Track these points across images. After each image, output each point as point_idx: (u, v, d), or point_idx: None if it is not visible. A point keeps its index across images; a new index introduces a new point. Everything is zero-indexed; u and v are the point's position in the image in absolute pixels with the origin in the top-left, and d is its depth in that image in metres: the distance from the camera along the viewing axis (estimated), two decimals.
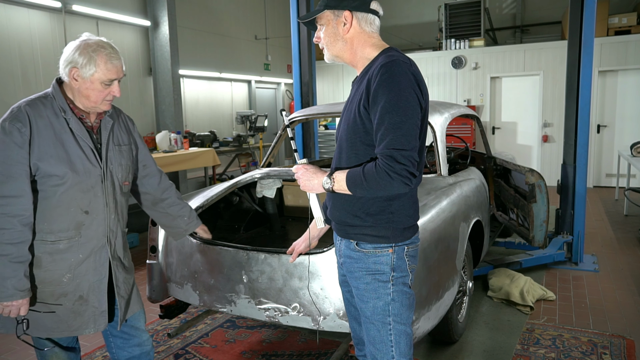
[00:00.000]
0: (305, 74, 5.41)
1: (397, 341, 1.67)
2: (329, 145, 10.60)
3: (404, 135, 1.48)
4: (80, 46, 1.72)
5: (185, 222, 2.23)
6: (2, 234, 1.64)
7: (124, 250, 1.99)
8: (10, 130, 1.67)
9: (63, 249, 1.78)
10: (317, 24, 1.73)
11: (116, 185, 1.89)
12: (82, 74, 1.72)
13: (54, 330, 1.83)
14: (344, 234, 1.72)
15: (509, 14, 10.19)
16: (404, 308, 1.68)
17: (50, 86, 1.83)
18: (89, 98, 1.76)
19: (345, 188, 1.57)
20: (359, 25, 1.67)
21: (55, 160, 1.71)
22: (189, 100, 8.28)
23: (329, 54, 1.73)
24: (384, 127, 1.50)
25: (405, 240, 1.67)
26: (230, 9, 9.03)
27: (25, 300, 1.70)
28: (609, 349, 2.99)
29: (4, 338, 3.33)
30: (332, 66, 10.86)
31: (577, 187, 4.48)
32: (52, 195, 1.73)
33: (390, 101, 1.49)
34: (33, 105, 1.74)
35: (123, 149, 1.94)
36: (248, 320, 3.46)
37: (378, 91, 1.51)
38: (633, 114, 8.54)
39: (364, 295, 1.68)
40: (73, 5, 6.02)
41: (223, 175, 8.07)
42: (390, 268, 1.65)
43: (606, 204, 7.31)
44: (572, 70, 4.42)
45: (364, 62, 1.68)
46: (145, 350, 2.08)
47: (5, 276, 1.65)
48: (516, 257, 4.30)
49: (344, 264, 1.75)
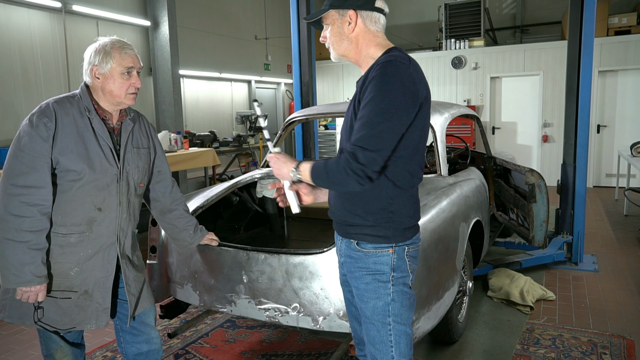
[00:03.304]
0: (305, 74, 5.41)
1: (397, 341, 1.67)
2: (329, 145, 10.61)
3: (375, 136, 1.47)
4: (97, 47, 1.85)
5: (190, 236, 2.29)
6: (23, 222, 1.71)
7: (133, 250, 2.06)
8: (37, 124, 1.76)
9: (74, 242, 1.85)
10: (322, 23, 1.73)
11: (131, 186, 1.96)
12: (102, 69, 1.82)
13: (57, 322, 1.88)
14: (345, 234, 1.72)
15: (509, 14, 10.19)
16: (404, 308, 1.67)
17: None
18: (112, 93, 1.85)
19: (309, 179, 1.60)
20: (364, 25, 1.66)
21: (74, 156, 1.79)
22: (189, 100, 8.28)
23: (334, 54, 1.73)
24: (360, 123, 1.50)
25: (405, 241, 1.67)
26: (230, 9, 9.03)
27: (42, 287, 1.77)
28: (609, 349, 2.99)
29: (3, 338, 3.33)
30: (332, 66, 10.85)
31: (577, 187, 4.48)
32: (69, 189, 1.81)
33: (374, 99, 1.49)
34: (60, 103, 1.83)
35: (141, 152, 2.02)
36: (248, 320, 3.46)
37: (367, 88, 1.53)
38: (633, 114, 8.54)
39: (364, 295, 1.68)
40: (73, 5, 6.02)
41: (223, 175, 8.07)
42: (390, 268, 1.65)
43: (606, 204, 7.31)
44: (572, 70, 4.42)
45: (368, 61, 1.68)
46: (154, 348, 2.12)
47: (24, 262, 1.72)
48: (516, 257, 4.30)
49: (345, 264, 1.75)
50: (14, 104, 5.44)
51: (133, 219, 2.02)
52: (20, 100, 5.51)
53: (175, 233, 2.27)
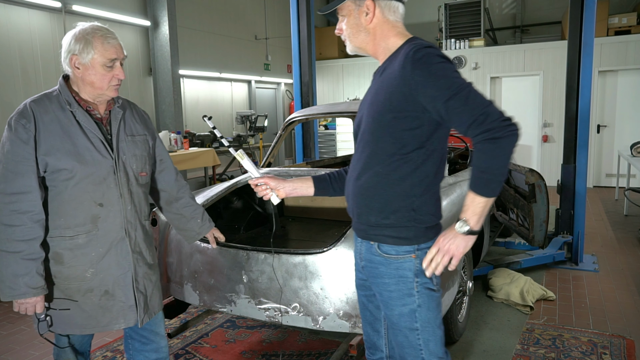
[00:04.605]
0: (305, 74, 5.41)
1: (426, 344, 1.60)
2: (329, 145, 10.60)
3: (473, 100, 1.36)
4: (76, 34, 1.72)
5: (199, 225, 2.19)
6: (13, 231, 1.66)
7: (147, 244, 1.96)
8: (15, 127, 1.68)
9: (82, 243, 1.78)
10: (338, 15, 1.64)
11: (130, 176, 1.87)
12: (82, 59, 1.70)
13: (85, 326, 1.83)
14: (364, 235, 1.64)
15: (509, 14, 10.19)
16: (431, 311, 1.59)
17: (55, 85, 1.84)
18: (94, 85, 1.74)
19: (481, 205, 1.43)
20: (382, 14, 1.57)
21: (62, 154, 1.71)
22: (189, 100, 8.28)
23: (351, 46, 1.64)
24: (455, 113, 1.39)
25: (428, 242, 1.57)
26: (230, 9, 9.04)
27: (39, 298, 1.71)
28: (609, 349, 2.99)
29: (4, 338, 3.33)
30: (332, 66, 10.86)
31: (577, 187, 4.48)
32: (64, 189, 1.74)
33: (441, 88, 1.39)
34: (38, 102, 1.74)
35: (137, 139, 1.91)
36: (248, 320, 3.46)
37: (424, 84, 1.41)
38: (633, 114, 8.54)
39: (388, 303, 1.60)
40: (73, 5, 6.02)
41: (223, 175, 8.07)
42: (413, 274, 1.56)
43: (606, 204, 7.30)
44: (572, 70, 4.41)
45: (386, 52, 1.59)
46: (162, 357, 2.07)
47: (18, 274, 1.66)
48: (516, 257, 4.30)
49: (365, 268, 1.66)
50: (13, 104, 5.44)
51: (139, 210, 1.92)
52: (20, 100, 5.50)
53: (182, 223, 2.17)
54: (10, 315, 3.70)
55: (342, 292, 2.24)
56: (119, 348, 3.14)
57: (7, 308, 3.83)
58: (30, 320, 3.58)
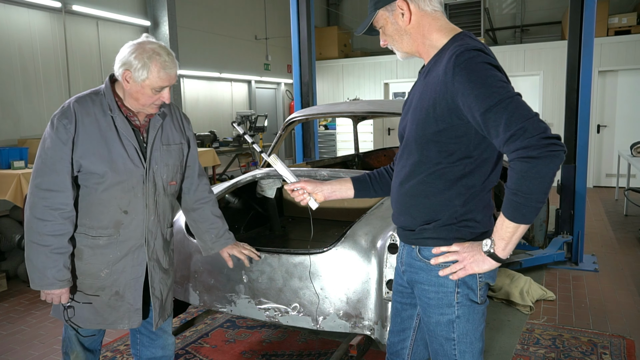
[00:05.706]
0: (305, 74, 5.41)
1: (462, 355, 1.52)
2: (329, 145, 10.60)
3: (513, 112, 1.24)
4: (137, 49, 1.71)
5: (212, 240, 2.16)
6: (45, 226, 1.72)
7: (165, 252, 1.99)
8: (57, 126, 1.73)
9: (103, 245, 1.84)
10: (376, 28, 1.56)
11: (158, 186, 1.89)
12: (135, 77, 1.71)
13: (90, 321, 1.89)
14: (406, 239, 1.58)
15: (509, 14, 10.19)
16: (470, 324, 1.51)
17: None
18: (138, 101, 1.77)
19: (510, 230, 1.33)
20: (418, 8, 1.46)
21: (96, 159, 1.75)
22: (189, 100, 8.28)
23: (400, 53, 1.56)
24: (492, 127, 1.27)
25: None
26: (230, 9, 9.04)
27: (65, 290, 1.79)
28: (609, 349, 2.99)
29: (3, 338, 3.33)
30: (332, 66, 10.86)
31: (577, 187, 4.48)
32: (94, 192, 1.79)
33: (479, 97, 1.28)
34: (82, 102, 1.77)
35: (172, 148, 1.92)
36: (248, 320, 3.46)
37: (463, 92, 1.32)
38: (633, 114, 8.54)
39: (427, 310, 1.54)
40: (73, 5, 6.02)
41: (223, 175, 8.07)
42: (454, 284, 1.47)
43: (606, 204, 7.31)
44: (572, 70, 4.42)
45: (431, 51, 1.49)
46: (168, 354, 2.13)
47: (47, 266, 1.73)
48: (516, 257, 4.30)
49: (406, 273, 1.61)
50: (14, 104, 5.44)
51: (162, 219, 1.94)
52: (20, 100, 5.51)
53: (198, 232, 2.17)
54: (10, 315, 3.70)
55: (342, 292, 2.24)
56: (119, 348, 3.14)
57: (7, 308, 3.84)
58: (30, 320, 3.60)
